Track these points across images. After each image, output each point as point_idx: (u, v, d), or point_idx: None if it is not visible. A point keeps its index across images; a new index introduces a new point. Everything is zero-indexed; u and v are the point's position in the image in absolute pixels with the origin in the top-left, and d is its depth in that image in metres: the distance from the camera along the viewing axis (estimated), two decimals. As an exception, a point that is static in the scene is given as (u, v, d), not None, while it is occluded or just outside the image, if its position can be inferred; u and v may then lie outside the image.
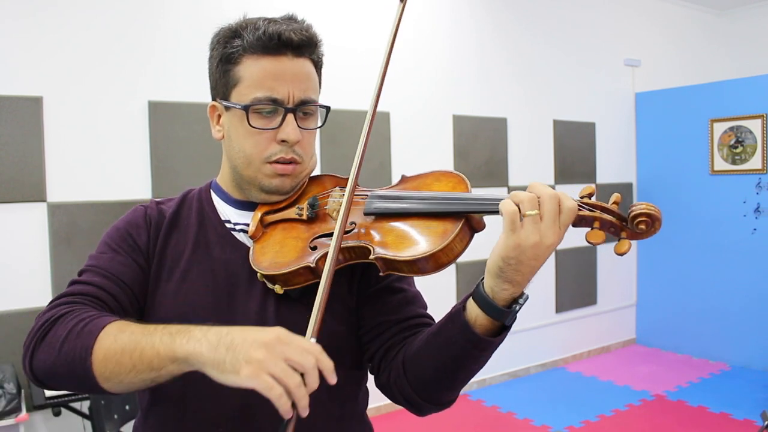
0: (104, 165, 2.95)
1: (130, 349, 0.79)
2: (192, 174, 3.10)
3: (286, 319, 0.95)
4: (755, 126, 4.56)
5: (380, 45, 3.82)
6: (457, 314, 0.87)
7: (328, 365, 0.74)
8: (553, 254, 4.74)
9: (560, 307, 4.85)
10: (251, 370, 0.71)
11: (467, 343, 0.85)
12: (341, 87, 3.60)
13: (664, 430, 3.61)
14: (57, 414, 2.50)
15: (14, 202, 2.74)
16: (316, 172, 1.11)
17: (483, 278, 0.84)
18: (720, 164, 4.77)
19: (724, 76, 5.35)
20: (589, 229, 0.81)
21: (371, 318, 1.00)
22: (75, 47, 2.87)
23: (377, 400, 1.00)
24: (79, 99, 2.88)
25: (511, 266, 0.79)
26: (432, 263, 0.85)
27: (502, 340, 0.86)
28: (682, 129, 5.01)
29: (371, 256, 0.88)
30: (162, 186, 3.07)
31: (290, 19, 1.00)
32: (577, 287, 4.94)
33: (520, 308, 0.82)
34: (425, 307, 1.04)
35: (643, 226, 0.79)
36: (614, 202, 0.81)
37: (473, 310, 0.84)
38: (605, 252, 5.12)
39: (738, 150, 4.67)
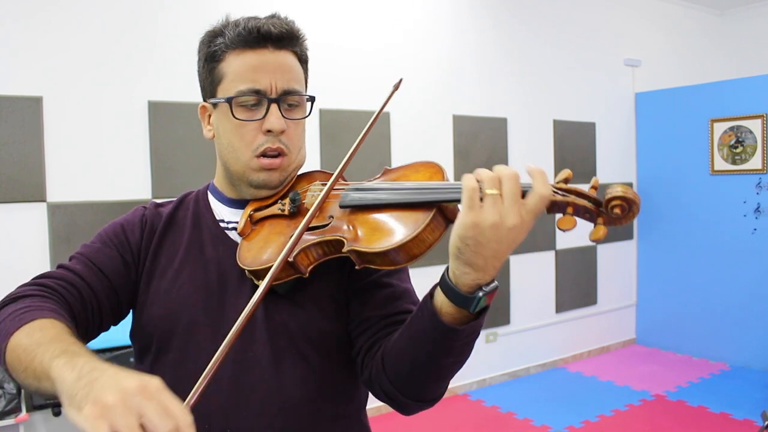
0: (104, 165, 2.95)
1: (30, 350, 0.77)
2: (192, 174, 3.10)
3: (274, 316, 0.96)
4: (755, 126, 4.56)
5: (381, 45, 3.83)
6: (424, 303, 0.84)
7: None
8: (553, 254, 4.74)
9: (560, 307, 4.84)
10: (91, 412, 0.61)
11: (435, 332, 0.81)
12: (342, 87, 3.60)
13: (664, 430, 3.61)
14: (57, 414, 2.50)
15: (14, 202, 2.74)
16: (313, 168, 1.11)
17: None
18: (720, 164, 4.77)
19: (724, 76, 5.35)
20: (561, 215, 0.77)
21: (358, 313, 1.00)
22: (75, 47, 2.87)
23: (378, 400, 1.00)
24: (79, 99, 2.88)
25: (469, 247, 0.75)
26: (403, 254, 0.83)
27: (473, 330, 0.82)
28: (682, 129, 5.00)
29: (344, 249, 0.87)
30: (162, 186, 3.07)
31: (272, 16, 1.01)
32: (577, 287, 4.94)
33: (484, 295, 0.77)
34: (415, 303, 1.02)
35: (618, 211, 0.73)
36: (592, 187, 0.77)
37: (439, 297, 0.81)
38: (605, 252, 5.12)
39: (738, 150, 4.66)
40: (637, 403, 4.00)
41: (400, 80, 1.03)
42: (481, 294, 0.77)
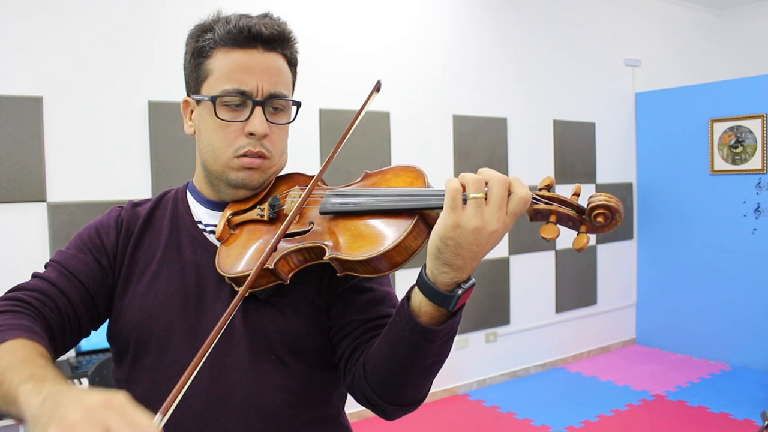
0: (104, 165, 2.96)
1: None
2: (192, 174, 3.08)
3: (253, 320, 0.95)
4: (755, 126, 4.56)
5: (381, 45, 3.83)
6: (401, 304, 0.83)
7: None
8: (553, 254, 4.74)
9: (560, 307, 4.84)
10: (57, 430, 0.58)
11: (413, 335, 0.81)
12: (342, 87, 3.60)
13: (664, 430, 3.61)
14: (57, 414, 2.50)
15: (14, 202, 2.74)
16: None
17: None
18: (720, 164, 4.77)
19: (724, 76, 5.35)
20: (545, 223, 0.77)
21: (339, 318, 0.98)
22: (75, 47, 2.87)
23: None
24: (79, 99, 2.88)
25: (449, 247, 0.75)
26: (386, 262, 0.82)
27: (450, 330, 0.82)
28: (682, 129, 5.00)
29: (325, 257, 0.86)
30: (162, 186, 3.07)
31: (264, 16, 0.99)
32: (577, 287, 4.94)
33: (463, 293, 0.77)
34: (396, 306, 1.02)
35: (601, 219, 0.74)
36: (575, 194, 0.76)
37: (417, 296, 0.81)
38: (605, 252, 5.12)
39: (738, 150, 4.67)
40: (637, 403, 4.00)
41: (378, 81, 1.02)
42: (460, 292, 0.77)
